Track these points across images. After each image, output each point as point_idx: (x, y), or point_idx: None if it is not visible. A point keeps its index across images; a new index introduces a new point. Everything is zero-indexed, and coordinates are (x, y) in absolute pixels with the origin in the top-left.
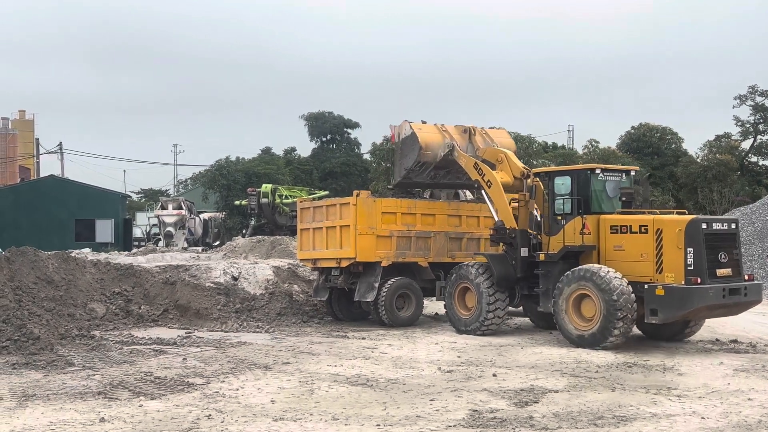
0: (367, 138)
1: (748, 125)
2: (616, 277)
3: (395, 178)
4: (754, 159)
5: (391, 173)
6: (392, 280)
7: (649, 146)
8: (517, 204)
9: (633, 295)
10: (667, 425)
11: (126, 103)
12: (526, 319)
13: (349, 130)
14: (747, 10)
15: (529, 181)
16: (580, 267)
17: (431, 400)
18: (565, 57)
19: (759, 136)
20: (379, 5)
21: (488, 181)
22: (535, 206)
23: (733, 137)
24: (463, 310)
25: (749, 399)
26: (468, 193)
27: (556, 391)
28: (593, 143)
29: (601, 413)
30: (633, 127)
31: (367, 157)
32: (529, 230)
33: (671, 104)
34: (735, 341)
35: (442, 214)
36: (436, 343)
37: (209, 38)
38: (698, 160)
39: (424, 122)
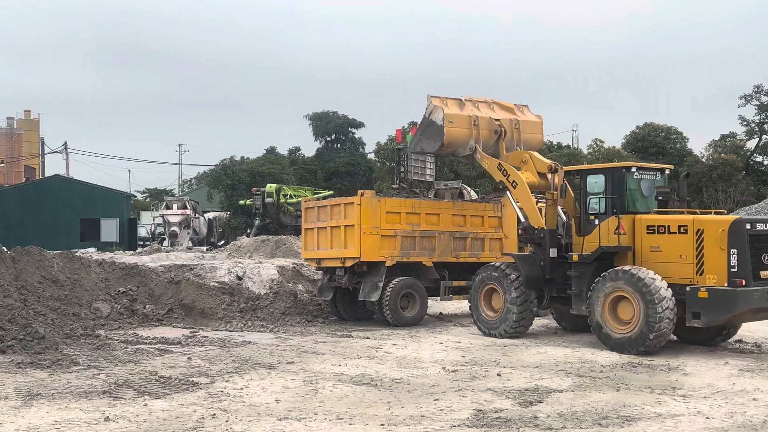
0: (372, 138)
1: (753, 125)
2: (668, 308)
3: (410, 146)
4: (759, 159)
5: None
6: (396, 279)
7: (654, 146)
8: (544, 203)
9: (673, 323)
10: (671, 425)
11: (131, 103)
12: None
13: (354, 130)
14: (751, 10)
15: (557, 178)
16: (624, 269)
17: (435, 400)
18: (567, 57)
19: (764, 136)
20: (383, 5)
21: (513, 181)
22: (561, 206)
23: (738, 137)
24: (490, 311)
25: (754, 399)
26: (472, 192)
27: (561, 391)
28: (598, 143)
29: (605, 413)
30: (638, 127)
31: (371, 156)
32: (557, 230)
33: (675, 104)
34: (740, 341)
35: (446, 214)
36: (441, 343)
37: (213, 39)
38: (703, 160)
39: (466, 99)
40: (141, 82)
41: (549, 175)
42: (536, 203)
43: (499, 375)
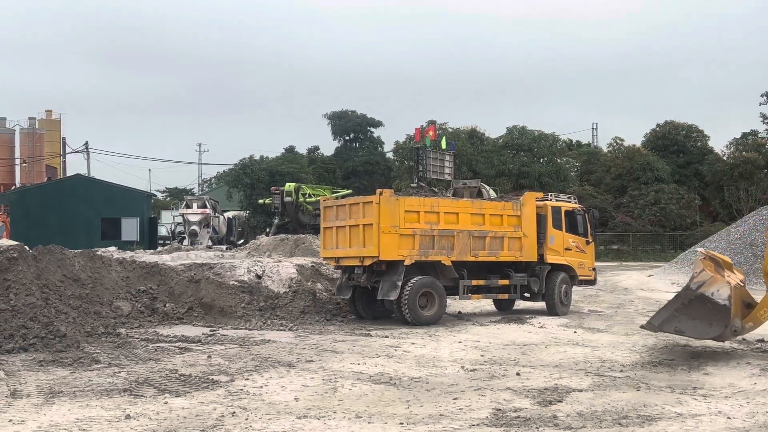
0: (390, 136)
1: None
2: None
3: (658, 324)
4: None
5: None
6: (415, 278)
7: (675, 144)
8: None
9: None
10: (692, 425)
11: (151, 103)
12: (550, 318)
13: (372, 129)
14: None
15: None
16: None
17: (454, 399)
18: (585, 54)
19: None
20: (401, 3)
21: None
22: None
23: (760, 135)
24: None
25: None
26: (491, 191)
27: (581, 391)
28: (618, 141)
29: (625, 413)
30: (658, 125)
31: (390, 155)
32: None
33: (696, 101)
34: (762, 341)
35: (465, 213)
36: (459, 342)
37: (233, 38)
38: (724, 158)
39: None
40: (161, 82)
41: None
42: None
43: (518, 374)
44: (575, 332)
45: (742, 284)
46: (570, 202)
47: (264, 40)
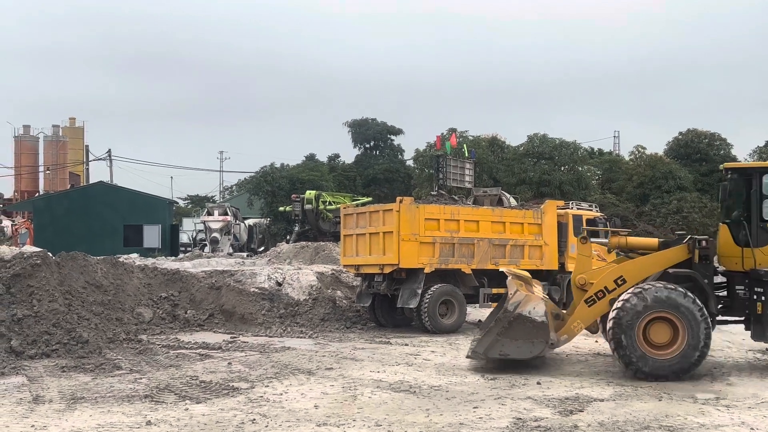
0: (411, 144)
1: None
2: None
3: (484, 351)
4: None
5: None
6: (435, 286)
7: (697, 152)
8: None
9: None
10: None
11: (173, 110)
12: None
13: (393, 137)
14: None
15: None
16: None
17: (474, 408)
18: (606, 61)
19: None
20: (421, 10)
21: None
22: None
23: None
24: (651, 347)
25: None
26: (512, 199)
27: (602, 400)
28: (640, 149)
29: (647, 423)
30: (681, 133)
31: (410, 163)
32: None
33: (719, 109)
34: None
35: (485, 221)
36: None
37: (255, 45)
38: None
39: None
40: (183, 90)
41: None
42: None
43: (539, 383)
44: (596, 341)
45: (547, 296)
46: (591, 210)
47: (285, 47)
